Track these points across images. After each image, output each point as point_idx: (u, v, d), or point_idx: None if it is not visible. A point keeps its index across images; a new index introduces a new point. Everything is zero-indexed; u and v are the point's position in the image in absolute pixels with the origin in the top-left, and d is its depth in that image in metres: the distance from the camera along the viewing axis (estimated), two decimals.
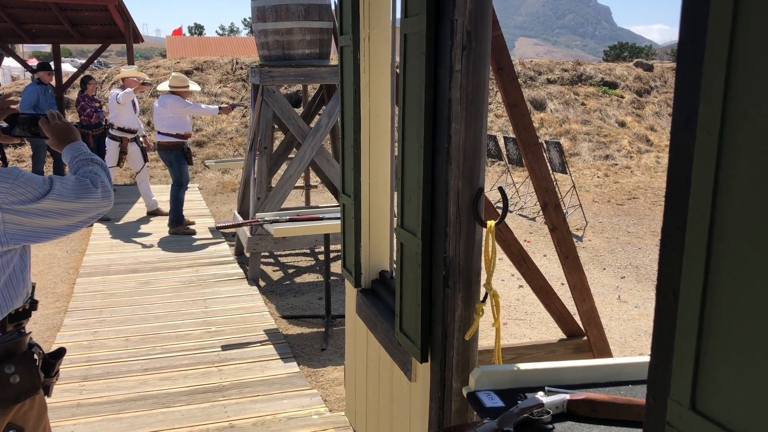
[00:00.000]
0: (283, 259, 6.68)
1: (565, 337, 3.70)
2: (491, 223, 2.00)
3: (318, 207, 7.04)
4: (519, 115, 3.20)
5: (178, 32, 45.37)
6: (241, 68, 14.66)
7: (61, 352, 1.99)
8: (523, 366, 1.94)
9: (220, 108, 7.27)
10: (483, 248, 2.02)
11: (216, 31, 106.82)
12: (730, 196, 0.92)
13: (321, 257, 6.70)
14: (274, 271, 6.30)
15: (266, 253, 6.63)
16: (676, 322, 1.07)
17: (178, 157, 7.02)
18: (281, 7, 5.76)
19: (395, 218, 2.58)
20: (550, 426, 1.71)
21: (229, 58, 15.30)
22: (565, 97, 14.85)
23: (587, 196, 10.46)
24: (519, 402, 1.75)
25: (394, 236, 2.56)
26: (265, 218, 4.53)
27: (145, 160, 7.97)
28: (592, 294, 3.55)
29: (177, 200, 7.18)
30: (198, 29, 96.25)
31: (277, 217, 4.72)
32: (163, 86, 7.20)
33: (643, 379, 1.96)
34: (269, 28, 5.84)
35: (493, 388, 1.90)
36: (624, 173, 12.44)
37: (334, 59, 6.75)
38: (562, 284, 4.94)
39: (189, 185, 7.75)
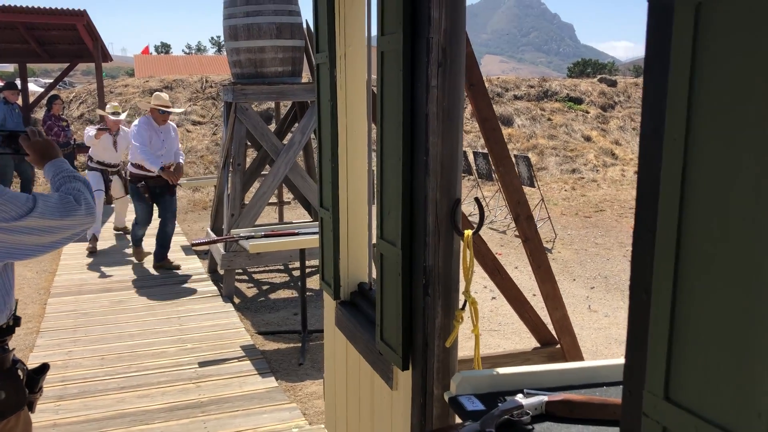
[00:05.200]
0: (257, 276, 6.68)
1: (539, 345, 3.78)
2: (468, 232, 2.07)
3: (292, 223, 7.07)
4: (490, 129, 3.29)
5: (145, 51, 45.16)
6: (211, 86, 14.66)
7: (44, 368, 2.00)
8: (502, 371, 2.01)
9: (162, 168, 6.17)
10: (461, 257, 2.08)
11: (182, 50, 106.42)
12: (696, 199, 0.99)
13: (295, 273, 6.72)
14: (248, 287, 6.29)
15: (240, 270, 6.63)
16: (648, 320, 1.14)
17: (133, 191, 6.49)
18: (253, 26, 5.82)
19: (375, 230, 2.64)
20: (530, 427, 1.77)
21: (199, 77, 15.29)
22: (532, 113, 15.12)
23: (555, 209, 10.64)
24: (499, 404, 1.81)
25: (373, 248, 2.62)
26: (241, 234, 4.55)
27: (127, 192, 7.34)
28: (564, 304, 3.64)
29: (132, 233, 6.79)
30: (165, 48, 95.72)
31: (253, 233, 4.75)
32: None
33: (616, 381, 2.04)
34: (242, 46, 5.89)
35: (474, 393, 1.96)
36: (591, 186, 12.69)
37: (306, 77, 6.81)
38: (534, 295, 5.03)
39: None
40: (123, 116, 7.43)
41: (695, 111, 0.98)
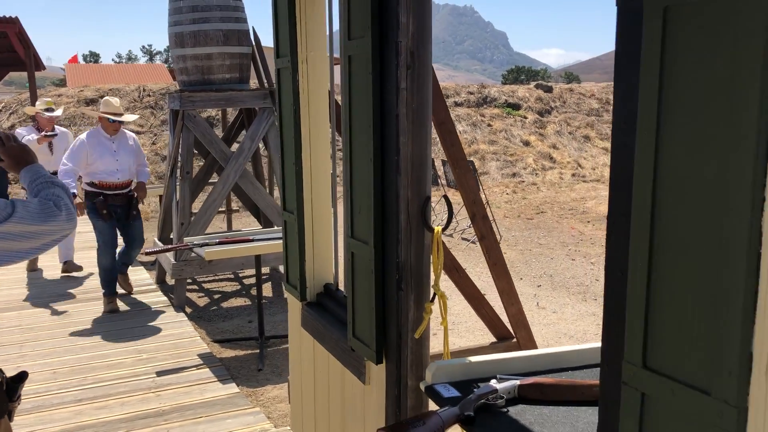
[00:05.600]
0: (207, 285, 6.62)
1: (495, 340, 3.91)
2: (438, 228, 2.16)
3: (241, 231, 7.03)
4: (447, 132, 3.41)
5: (73, 60, 43.79)
6: (149, 95, 14.40)
7: (23, 376, 1.98)
8: (474, 359, 2.11)
9: (74, 194, 5.47)
10: (431, 252, 2.17)
11: (113, 59, 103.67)
12: (668, 184, 1.11)
13: (246, 281, 6.69)
14: (199, 297, 6.24)
15: (189, 280, 6.56)
16: (624, 296, 1.25)
17: (88, 210, 5.52)
18: (200, 33, 5.79)
19: (342, 231, 2.70)
20: (505, 409, 1.87)
21: (136, 86, 14.98)
22: (473, 119, 15.44)
23: (499, 212, 10.90)
24: (475, 390, 1.90)
25: (343, 247, 2.67)
26: (195, 242, 4.53)
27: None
28: None
29: (98, 265, 5.64)
30: (94, 57, 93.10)
31: (206, 241, 4.72)
32: (128, 117, 5.84)
33: (580, 365, 2.16)
34: (188, 53, 5.86)
35: (449, 381, 2.05)
36: (531, 189, 13.05)
37: (253, 83, 6.81)
38: (485, 294, 5.17)
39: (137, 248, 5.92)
40: (59, 112, 6.53)
41: (665, 105, 1.10)
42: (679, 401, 1.13)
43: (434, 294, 2.20)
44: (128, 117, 5.78)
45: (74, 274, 6.74)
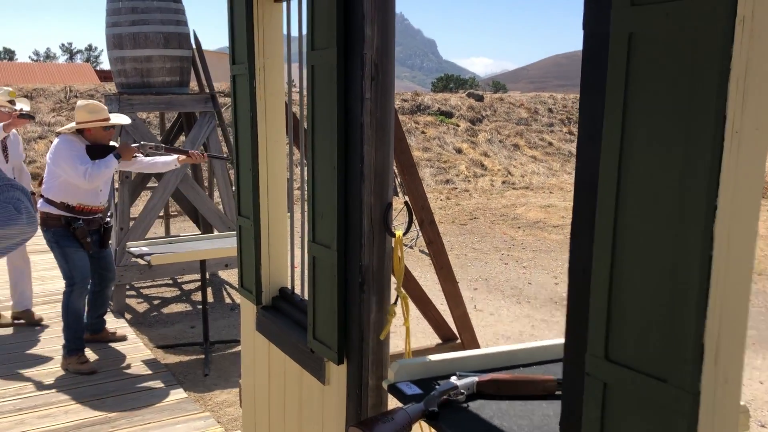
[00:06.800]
0: (145, 291, 6.51)
1: (440, 341, 4.03)
2: (399, 233, 2.25)
3: (180, 236, 6.94)
4: (397, 139, 3.51)
5: None
6: (76, 96, 13.94)
7: None
8: (434, 357, 2.20)
9: (186, 152, 4.75)
10: (393, 256, 2.26)
11: (30, 57, 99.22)
12: (629, 193, 1.23)
13: (185, 287, 6.61)
14: (138, 303, 6.12)
15: (127, 286, 6.42)
16: (587, 294, 1.37)
17: (59, 239, 4.29)
18: (140, 35, 5.71)
19: (299, 236, 2.76)
20: (465, 404, 1.97)
21: (61, 86, 14.49)
22: (407, 126, 15.66)
23: (434, 218, 11.10)
24: (437, 387, 2.00)
25: (304, 251, 2.71)
26: (143, 249, 4.46)
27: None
28: None
29: (68, 310, 4.32)
30: (8, 54, 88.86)
31: (146, 247, 4.65)
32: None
33: (532, 362, 2.30)
34: (127, 55, 5.77)
35: (410, 379, 2.14)
36: (464, 196, 13.35)
37: (193, 87, 6.75)
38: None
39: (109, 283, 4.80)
40: (27, 107, 5.18)
41: (628, 120, 1.22)
42: (638, 389, 1.25)
43: (397, 296, 2.29)
44: (122, 118, 4.67)
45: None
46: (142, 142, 4.66)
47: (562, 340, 1.52)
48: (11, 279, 5.14)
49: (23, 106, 5.10)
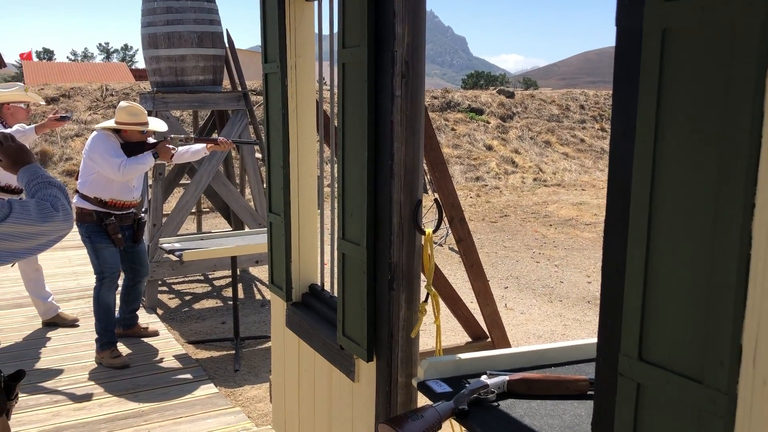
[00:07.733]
0: (177, 287, 6.60)
1: (470, 340, 4.02)
2: (429, 230, 2.25)
3: (212, 232, 7.02)
4: (427, 137, 3.50)
5: (28, 57, 42.70)
6: (111, 95, 14.18)
7: (20, 375, 2.00)
8: (464, 356, 2.19)
9: (215, 141, 4.84)
10: (422, 253, 2.26)
11: (67, 57, 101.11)
12: (663, 190, 1.21)
13: (216, 283, 6.69)
14: (170, 299, 6.21)
15: (159, 282, 6.52)
16: (619, 293, 1.35)
17: (90, 234, 4.35)
18: (174, 35, 5.79)
19: (328, 233, 2.77)
20: (496, 403, 1.96)
21: (98, 85, 14.75)
22: (437, 123, 15.61)
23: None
24: (467, 385, 1.99)
25: (334, 248, 2.72)
26: (175, 245, 4.52)
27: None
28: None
29: (98, 304, 4.38)
30: (47, 54, 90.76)
31: (177, 243, 4.72)
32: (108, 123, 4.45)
33: (563, 362, 2.27)
34: (162, 54, 5.85)
35: (440, 377, 2.13)
36: (494, 193, 13.27)
37: (225, 86, 6.82)
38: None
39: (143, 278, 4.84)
40: (41, 101, 5.25)
41: (662, 117, 1.20)
42: (672, 390, 1.23)
43: (427, 294, 2.29)
44: (160, 124, 4.62)
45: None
46: (171, 136, 4.71)
47: (593, 340, 1.51)
48: (30, 293, 5.15)
49: (38, 99, 5.09)
